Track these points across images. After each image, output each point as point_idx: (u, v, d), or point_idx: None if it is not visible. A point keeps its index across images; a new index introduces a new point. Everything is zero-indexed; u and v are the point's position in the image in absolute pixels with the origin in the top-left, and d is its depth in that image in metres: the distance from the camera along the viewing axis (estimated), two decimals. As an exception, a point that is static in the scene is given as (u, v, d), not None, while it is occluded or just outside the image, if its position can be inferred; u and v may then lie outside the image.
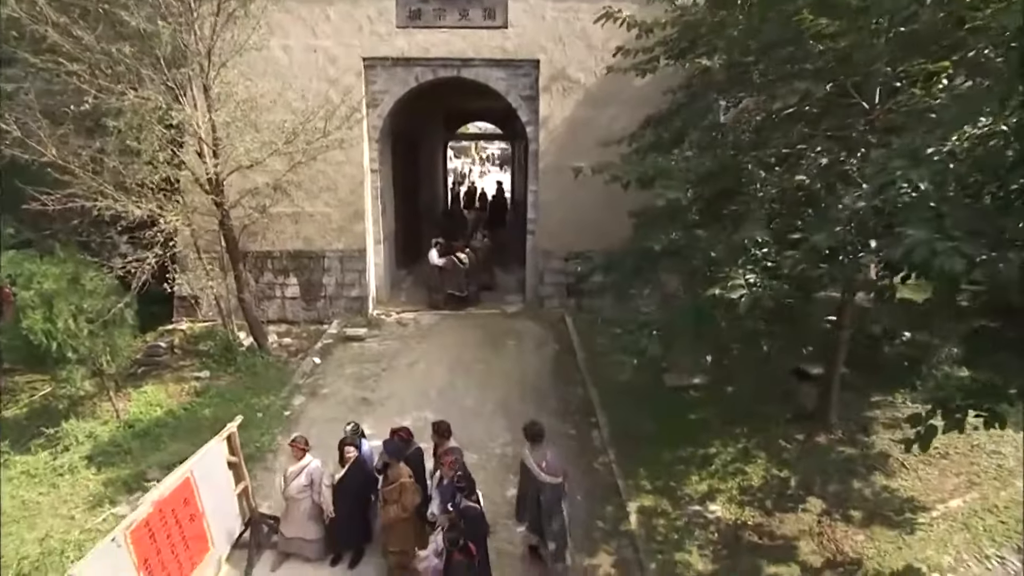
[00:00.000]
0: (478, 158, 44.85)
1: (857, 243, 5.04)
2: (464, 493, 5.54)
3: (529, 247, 12.88)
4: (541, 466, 5.98)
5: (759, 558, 6.43)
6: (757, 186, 6.26)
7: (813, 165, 6.11)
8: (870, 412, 8.60)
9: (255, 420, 8.85)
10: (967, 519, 6.79)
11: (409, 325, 12.17)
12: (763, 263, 5.62)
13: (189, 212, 9.46)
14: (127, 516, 4.73)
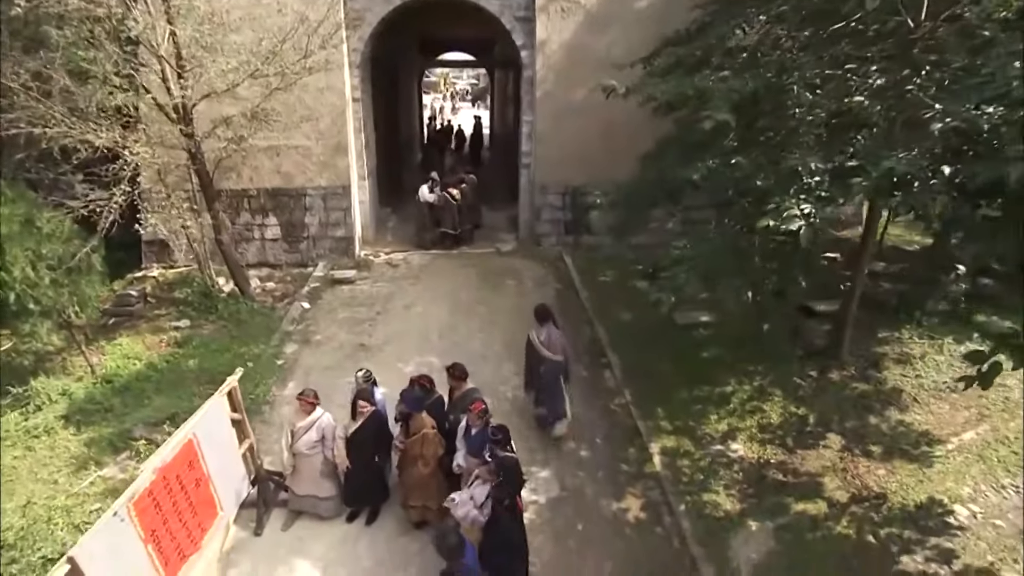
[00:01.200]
0: (448, 93, 42.70)
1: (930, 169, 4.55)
2: (500, 444, 5.10)
3: (523, 182, 12.12)
4: (543, 342, 6.83)
5: (785, 496, 6.28)
6: (802, 110, 5.66)
7: (863, 87, 5.52)
8: (878, 348, 8.45)
9: (246, 371, 8.11)
10: (981, 451, 6.76)
11: (400, 266, 11.44)
12: (816, 192, 5.10)
13: (154, 144, 8.33)
14: (129, 486, 4.12)
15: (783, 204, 4.99)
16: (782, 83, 5.77)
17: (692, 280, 5.64)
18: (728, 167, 6.01)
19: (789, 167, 5.15)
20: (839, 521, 5.97)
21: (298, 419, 5.63)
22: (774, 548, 5.74)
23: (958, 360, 8.12)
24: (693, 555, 5.66)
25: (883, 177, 4.53)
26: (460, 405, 5.87)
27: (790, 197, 5.05)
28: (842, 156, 5.25)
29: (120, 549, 3.98)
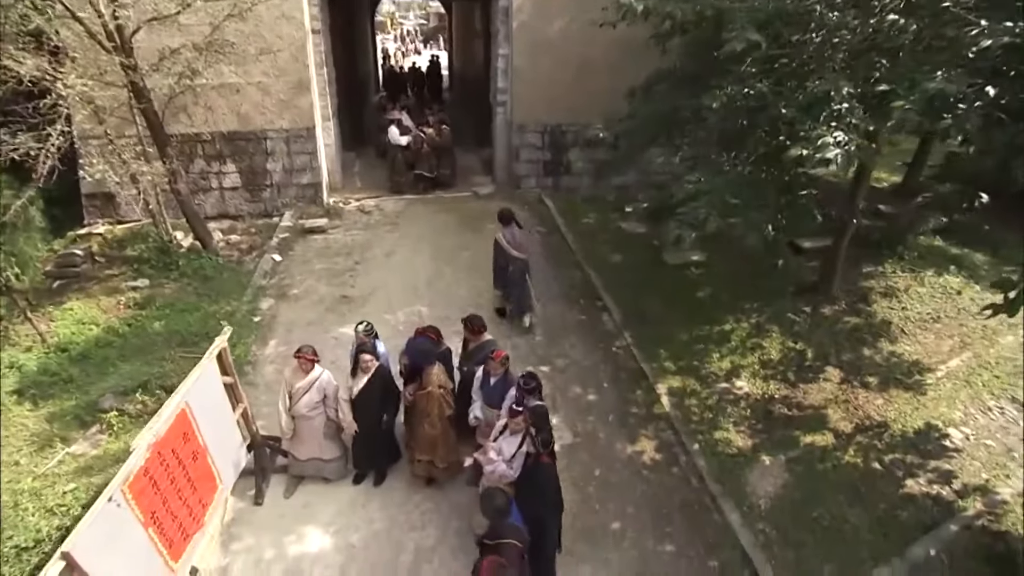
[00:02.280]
0: (396, 34, 40.10)
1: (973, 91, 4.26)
2: (533, 392, 4.76)
3: (499, 122, 11.39)
4: (509, 242, 7.33)
5: (793, 429, 6.26)
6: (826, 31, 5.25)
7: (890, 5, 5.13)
8: (864, 283, 8.49)
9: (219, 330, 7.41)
10: (967, 376, 6.92)
11: (373, 213, 10.67)
12: (847, 119, 4.77)
13: (91, 78, 7.17)
14: (121, 468, 3.54)
15: (815, 131, 4.65)
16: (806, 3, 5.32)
17: (712, 215, 5.28)
18: (744, 96, 5.59)
19: (820, 92, 4.77)
20: (846, 451, 6.01)
21: (296, 379, 5.10)
22: (788, 480, 5.72)
23: (939, 291, 8.26)
24: (712, 492, 5.58)
25: (924, 101, 4.22)
26: (476, 357, 5.46)
27: (820, 124, 4.71)
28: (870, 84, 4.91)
29: (119, 537, 3.45)
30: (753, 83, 5.40)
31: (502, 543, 3.64)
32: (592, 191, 11.65)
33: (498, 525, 3.70)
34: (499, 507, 3.69)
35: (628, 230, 10.47)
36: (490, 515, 3.69)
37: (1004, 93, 4.19)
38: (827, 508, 5.43)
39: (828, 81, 4.82)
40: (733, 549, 5.11)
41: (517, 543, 3.67)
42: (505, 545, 3.64)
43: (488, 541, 3.74)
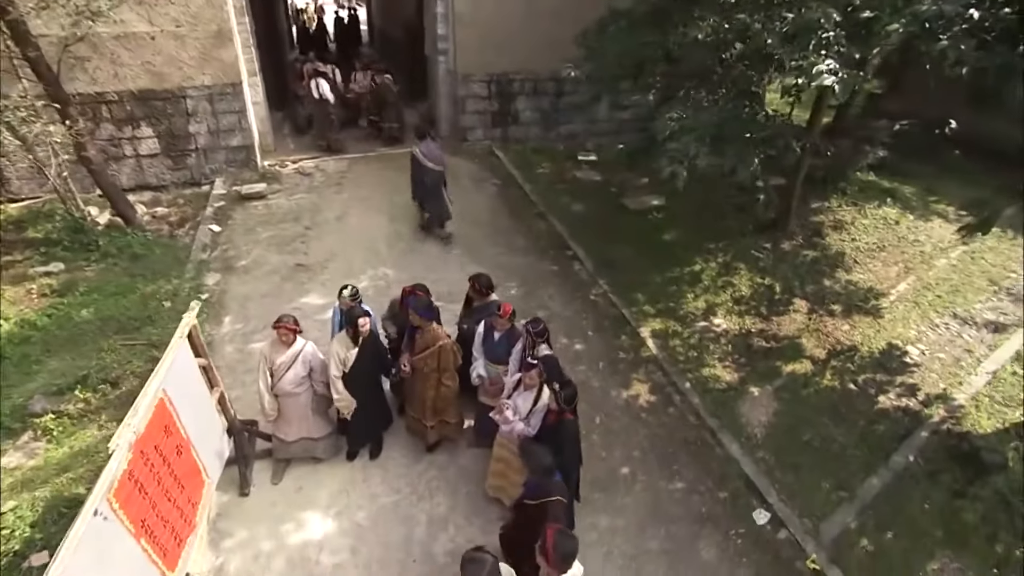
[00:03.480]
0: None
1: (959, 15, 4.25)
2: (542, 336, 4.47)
3: (441, 72, 10.65)
4: (424, 155, 7.56)
5: (773, 360, 6.41)
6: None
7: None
8: (815, 218, 8.78)
9: (163, 312, 6.60)
10: (915, 298, 7.34)
11: (314, 175, 9.77)
12: (835, 47, 4.68)
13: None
14: (102, 473, 2.93)
15: (807, 60, 4.53)
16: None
17: (701, 150, 5.11)
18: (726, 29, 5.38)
19: (808, 20, 4.63)
20: (823, 375, 6.22)
21: (276, 353, 4.53)
22: (777, 408, 5.86)
23: (880, 222, 8.68)
24: (711, 427, 5.62)
25: (918, 23, 4.17)
26: (480, 315, 5.07)
27: (811, 53, 4.59)
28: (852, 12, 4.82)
29: (108, 553, 2.88)
30: (734, 14, 5.20)
31: (549, 501, 3.39)
32: (541, 141, 11.29)
33: (544, 483, 3.44)
34: (548, 465, 3.43)
35: (584, 178, 10.25)
36: (539, 473, 3.42)
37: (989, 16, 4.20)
38: (815, 430, 5.62)
39: (814, 9, 4.69)
40: (738, 478, 5.18)
41: (563, 499, 3.44)
42: (552, 503, 3.40)
43: (531, 500, 3.48)
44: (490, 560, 2.88)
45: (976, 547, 4.68)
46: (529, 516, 3.48)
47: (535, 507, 3.44)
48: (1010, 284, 7.56)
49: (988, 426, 5.61)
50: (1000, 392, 6.02)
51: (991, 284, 7.53)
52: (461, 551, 4.43)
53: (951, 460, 5.29)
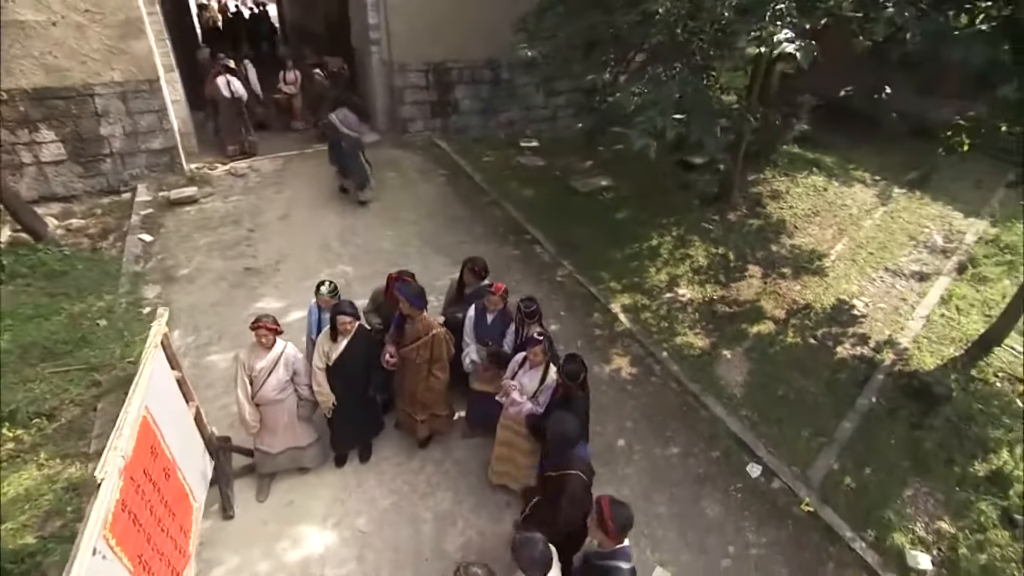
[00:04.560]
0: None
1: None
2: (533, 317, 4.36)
3: (374, 63, 10.21)
4: (341, 121, 7.89)
5: (738, 323, 6.65)
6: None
7: None
8: (753, 189, 9.23)
9: (98, 332, 5.90)
10: (852, 256, 7.89)
11: (248, 176, 9.09)
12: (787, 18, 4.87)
13: None
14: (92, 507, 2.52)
15: (766, 30, 4.69)
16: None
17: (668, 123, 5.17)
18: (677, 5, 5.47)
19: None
20: (786, 334, 6.53)
21: (256, 358, 4.13)
22: (750, 368, 6.09)
23: (810, 190, 9.27)
24: (693, 392, 5.74)
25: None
26: (469, 301, 4.87)
27: (768, 23, 4.76)
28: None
29: (109, 595, 2.50)
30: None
31: (568, 474, 3.30)
32: (482, 130, 11.14)
33: (566, 455, 3.33)
34: (573, 436, 3.32)
35: (529, 164, 10.22)
36: (563, 444, 3.30)
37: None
38: (787, 384, 5.89)
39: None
40: (727, 437, 5.33)
41: (583, 474, 3.36)
42: (572, 476, 3.31)
43: (552, 472, 3.37)
44: (540, 539, 2.76)
45: (938, 471, 5.08)
46: (550, 488, 3.37)
47: (556, 479, 3.33)
48: (924, 238, 8.30)
49: (931, 363, 6.12)
50: (935, 333, 6.58)
51: (911, 239, 8.23)
52: (473, 544, 4.34)
53: (906, 397, 5.72)
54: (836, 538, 4.55)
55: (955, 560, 4.43)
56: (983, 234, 8.27)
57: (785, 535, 4.57)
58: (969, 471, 5.06)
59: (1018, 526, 4.66)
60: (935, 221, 8.58)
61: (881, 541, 4.54)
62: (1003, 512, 4.75)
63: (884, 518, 4.67)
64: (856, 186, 9.40)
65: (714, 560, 4.35)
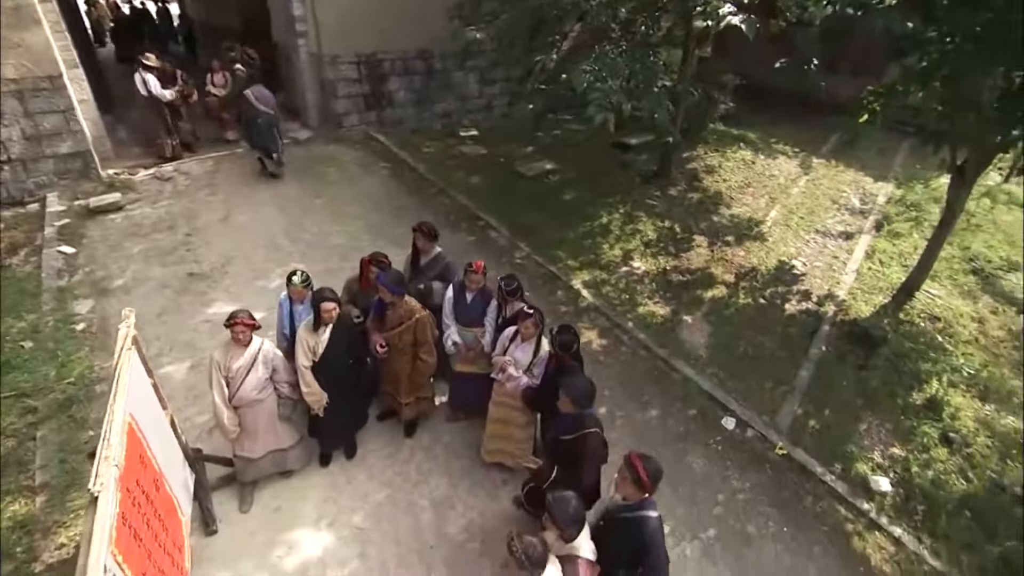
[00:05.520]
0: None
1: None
2: (516, 294, 4.35)
3: (302, 56, 9.76)
4: (257, 97, 8.05)
5: (693, 290, 6.95)
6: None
7: None
8: (689, 165, 9.66)
9: (24, 354, 5.31)
10: (785, 222, 8.44)
11: (176, 179, 8.43)
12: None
13: None
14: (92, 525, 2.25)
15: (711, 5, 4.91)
16: None
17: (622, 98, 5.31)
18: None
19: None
20: (737, 296, 6.90)
21: (232, 357, 3.85)
22: (710, 330, 6.39)
23: (740, 164, 9.82)
24: (662, 357, 5.95)
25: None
26: (430, 272, 4.78)
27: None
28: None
29: (120, 618, 2.26)
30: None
31: (588, 433, 3.34)
32: (418, 122, 10.95)
33: (581, 416, 3.36)
34: (591, 394, 3.35)
35: (471, 153, 10.15)
36: (584, 403, 3.32)
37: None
38: (745, 342, 6.23)
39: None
40: (700, 395, 5.57)
41: (599, 431, 3.41)
42: (592, 435, 3.35)
43: (567, 436, 3.39)
44: (573, 495, 2.78)
45: (884, 404, 5.56)
46: (567, 452, 3.39)
47: (573, 441, 3.36)
48: (844, 201, 9.03)
49: (866, 311, 6.67)
50: (865, 284, 7.18)
51: (833, 203, 8.92)
52: (475, 525, 4.30)
53: (850, 343, 6.20)
54: (809, 475, 4.88)
55: (908, 479, 4.88)
56: (891, 195, 9.12)
57: (765, 478, 4.85)
58: (909, 401, 5.58)
59: (954, 443, 5.19)
60: (851, 186, 9.36)
61: (847, 472, 4.91)
62: (941, 433, 5.28)
63: (847, 451, 5.06)
64: (780, 158, 10.06)
65: (706, 509, 4.54)
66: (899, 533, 4.49)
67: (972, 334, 6.44)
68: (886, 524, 4.54)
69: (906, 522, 4.58)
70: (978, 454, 5.12)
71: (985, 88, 5.26)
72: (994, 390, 5.76)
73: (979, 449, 5.16)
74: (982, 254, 7.76)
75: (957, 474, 4.94)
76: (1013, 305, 6.99)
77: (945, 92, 5.58)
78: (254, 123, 8.19)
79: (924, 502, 4.69)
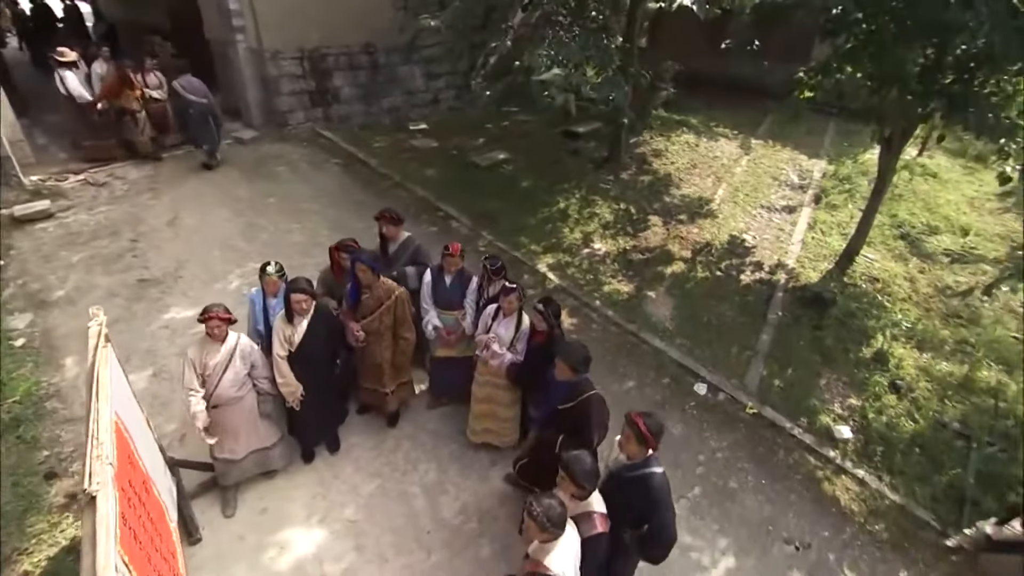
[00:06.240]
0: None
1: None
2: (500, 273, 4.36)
3: (241, 53, 9.33)
4: (185, 87, 7.88)
5: (653, 267, 7.18)
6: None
7: None
8: (637, 149, 9.94)
9: (-42, 374, 4.85)
10: (732, 199, 8.84)
11: (112, 184, 7.88)
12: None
13: None
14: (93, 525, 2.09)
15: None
16: None
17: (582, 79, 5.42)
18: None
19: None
20: (695, 270, 7.17)
21: (208, 354, 3.67)
22: (674, 303, 6.62)
23: (684, 147, 10.21)
24: (632, 331, 6.12)
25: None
26: (402, 257, 4.73)
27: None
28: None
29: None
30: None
31: (589, 396, 3.40)
32: (366, 118, 10.73)
33: (577, 382, 3.42)
34: (587, 356, 3.40)
35: (422, 146, 10.06)
36: (581, 366, 3.37)
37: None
38: (708, 312, 6.49)
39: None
40: (671, 364, 5.77)
41: (598, 392, 3.48)
42: (593, 396, 3.42)
43: (566, 405, 3.44)
44: (586, 452, 2.83)
45: (839, 360, 5.93)
46: (568, 420, 3.44)
47: (573, 408, 3.41)
48: (784, 178, 9.55)
49: (814, 276, 7.09)
50: (811, 252, 7.63)
51: (774, 180, 9.42)
52: (470, 507, 4.29)
53: (803, 306, 6.58)
54: (779, 430, 5.16)
55: (866, 425, 5.24)
56: (825, 171, 9.71)
57: (740, 436, 5.09)
58: (860, 356, 5.98)
59: (901, 389, 5.62)
60: (788, 164, 9.90)
61: (812, 424, 5.22)
62: (890, 381, 5.69)
63: (810, 406, 5.37)
64: (721, 140, 10.52)
65: (690, 470, 4.72)
66: (862, 474, 4.82)
67: (906, 292, 6.97)
68: (850, 467, 4.86)
69: (867, 464, 4.92)
70: (921, 398, 5.56)
71: (908, 64, 5.69)
72: (928, 340, 6.26)
73: (922, 393, 5.60)
74: (907, 221, 8.40)
75: (906, 417, 5.35)
76: (937, 264, 7.62)
77: (873, 69, 5.99)
78: (185, 114, 8.00)
79: (881, 444, 5.05)
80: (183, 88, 7.90)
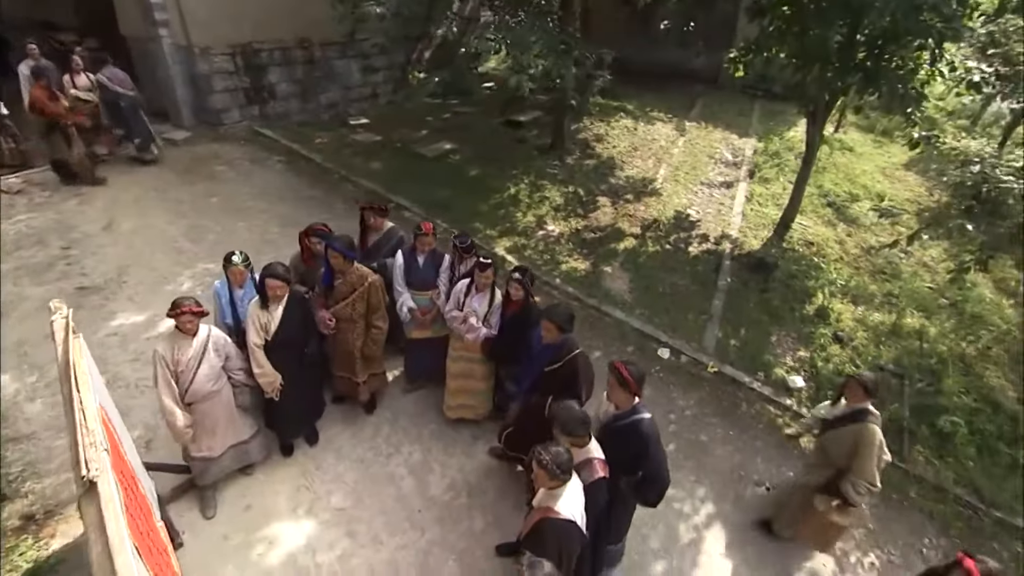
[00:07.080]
0: None
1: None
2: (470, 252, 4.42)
3: (167, 49, 8.82)
4: (111, 79, 7.59)
5: (606, 244, 7.41)
6: None
7: None
8: (579, 135, 10.19)
9: None
10: (674, 178, 9.20)
11: (30, 192, 7.26)
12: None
13: None
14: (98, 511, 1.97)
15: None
16: None
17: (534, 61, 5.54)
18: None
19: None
20: (646, 245, 7.47)
21: (180, 349, 3.49)
22: (630, 277, 6.87)
23: (624, 131, 10.56)
24: (594, 305, 6.31)
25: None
26: (384, 249, 4.70)
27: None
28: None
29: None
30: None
31: (575, 355, 3.53)
32: (304, 114, 10.44)
33: (563, 342, 3.53)
34: (572, 315, 3.51)
35: (365, 140, 9.90)
36: (568, 324, 3.48)
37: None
38: (663, 283, 6.79)
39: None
40: (634, 333, 6.00)
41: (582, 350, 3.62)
42: (579, 355, 3.54)
43: (552, 367, 3.54)
44: (571, 402, 2.95)
45: (786, 318, 6.37)
46: (556, 381, 3.55)
47: (560, 368, 3.52)
48: (719, 156, 10.06)
49: (756, 244, 7.55)
50: (751, 223, 8.11)
51: (710, 158, 9.91)
52: (458, 485, 4.34)
53: (749, 272, 7.00)
54: (740, 385, 5.49)
55: (816, 374, 5.66)
56: (756, 148, 10.32)
57: (705, 394, 5.38)
58: (804, 313, 6.44)
59: (842, 340, 6.10)
60: (721, 143, 10.45)
61: (768, 377, 5.59)
62: (832, 333, 6.17)
63: (765, 361, 5.74)
64: (657, 124, 10.95)
65: (663, 428, 4.86)
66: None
67: (837, 253, 7.56)
68: (806, 413, 5.24)
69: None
70: (860, 345, 6.06)
71: (828, 41, 6.17)
72: (861, 295, 6.82)
73: (860, 342, 6.11)
74: (832, 190, 9.07)
75: (849, 363, 5.82)
76: (860, 227, 8.29)
77: (797, 47, 6.45)
78: (115, 106, 7.68)
79: (830, 389, 5.47)
80: (110, 80, 7.53)
